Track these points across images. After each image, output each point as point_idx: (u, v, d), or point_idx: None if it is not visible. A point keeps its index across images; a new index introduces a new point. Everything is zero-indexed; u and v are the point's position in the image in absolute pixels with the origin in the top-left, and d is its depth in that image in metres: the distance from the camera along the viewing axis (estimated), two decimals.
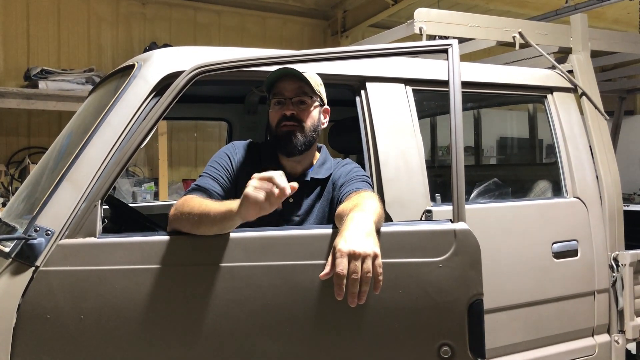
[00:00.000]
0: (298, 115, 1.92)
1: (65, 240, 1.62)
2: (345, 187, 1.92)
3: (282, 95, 1.93)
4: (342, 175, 2.00)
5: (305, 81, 1.92)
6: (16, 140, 5.44)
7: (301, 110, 1.93)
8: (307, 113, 1.94)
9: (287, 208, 1.95)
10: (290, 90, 1.92)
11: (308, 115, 1.94)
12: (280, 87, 1.93)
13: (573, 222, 2.52)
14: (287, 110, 1.91)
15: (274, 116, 1.95)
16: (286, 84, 1.92)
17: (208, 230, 1.62)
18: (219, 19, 6.42)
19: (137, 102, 1.81)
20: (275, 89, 1.94)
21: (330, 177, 2.03)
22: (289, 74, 1.90)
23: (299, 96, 1.93)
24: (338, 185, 1.98)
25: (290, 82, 1.92)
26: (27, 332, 1.55)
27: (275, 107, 1.95)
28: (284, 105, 1.93)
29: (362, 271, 1.41)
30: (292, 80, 1.92)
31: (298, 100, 1.93)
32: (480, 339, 1.65)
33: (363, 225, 1.50)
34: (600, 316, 2.56)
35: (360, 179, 1.95)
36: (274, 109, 1.95)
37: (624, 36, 3.17)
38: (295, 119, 1.92)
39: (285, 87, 1.92)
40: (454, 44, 1.74)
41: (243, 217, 1.52)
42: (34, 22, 5.50)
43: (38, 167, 2.21)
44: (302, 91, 1.93)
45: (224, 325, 1.62)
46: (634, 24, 5.58)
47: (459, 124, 1.69)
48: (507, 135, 7.63)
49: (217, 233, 1.63)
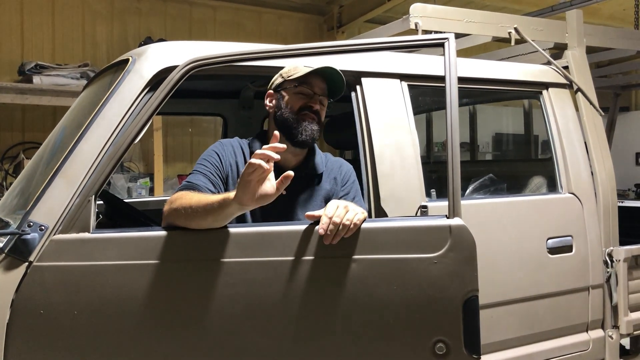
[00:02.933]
0: (319, 112, 1.99)
1: (59, 235, 1.61)
2: (347, 198, 1.99)
3: (312, 89, 1.97)
4: (346, 178, 2.07)
5: (329, 84, 1.98)
6: (10, 136, 5.41)
7: (322, 109, 2.00)
8: (323, 113, 2.01)
9: (280, 201, 1.95)
10: (321, 88, 1.98)
11: (323, 116, 2.02)
12: (313, 82, 1.97)
13: (568, 217, 2.52)
14: (315, 105, 1.97)
15: (296, 101, 1.97)
16: (319, 80, 1.97)
17: (203, 221, 1.61)
18: (214, 15, 6.39)
19: (132, 96, 1.80)
20: (304, 80, 1.97)
21: (328, 174, 2.04)
22: (332, 78, 1.96)
23: (324, 97, 1.99)
24: (339, 186, 2.04)
25: (320, 80, 1.97)
26: (20, 328, 1.55)
27: (299, 94, 1.97)
28: (312, 98, 1.97)
29: (345, 217, 1.61)
30: (322, 79, 1.97)
31: (322, 100, 1.99)
32: (475, 335, 1.65)
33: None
34: (594, 311, 2.57)
35: (359, 195, 2.06)
36: (298, 96, 1.97)
37: (619, 32, 3.17)
38: (318, 115, 1.98)
39: (318, 84, 1.97)
40: (450, 37, 1.74)
41: (240, 200, 1.51)
42: (28, 17, 5.46)
43: (32, 162, 2.20)
44: (325, 93, 1.99)
45: (218, 321, 1.62)
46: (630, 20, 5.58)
47: (455, 118, 1.69)
48: (503, 131, 7.64)
49: (212, 224, 1.62)
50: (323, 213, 1.63)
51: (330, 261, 1.65)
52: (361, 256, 1.64)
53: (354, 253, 1.64)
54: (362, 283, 1.64)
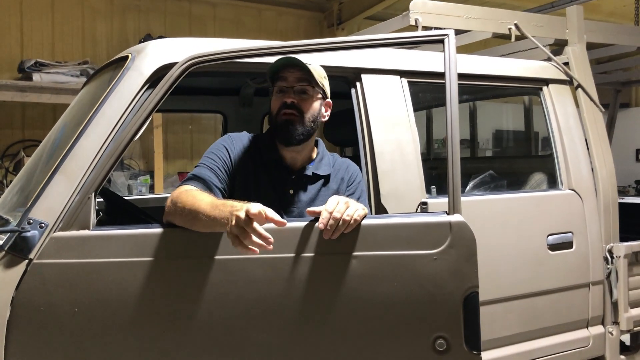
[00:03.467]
0: (298, 104, 1.91)
1: (59, 232, 1.61)
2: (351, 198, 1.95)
3: (285, 83, 1.91)
4: (352, 178, 2.05)
5: (307, 71, 1.90)
6: (10, 133, 5.40)
7: (302, 99, 1.92)
8: (307, 103, 1.92)
9: (287, 201, 1.95)
10: (292, 78, 1.91)
11: (308, 106, 1.93)
12: (283, 75, 1.92)
13: (568, 214, 2.52)
14: (288, 98, 1.90)
15: (275, 104, 1.94)
16: (289, 72, 1.91)
17: (203, 230, 1.61)
18: (214, 11, 6.38)
19: (131, 93, 1.80)
20: (278, 77, 1.93)
21: (335, 174, 2.04)
22: (292, 63, 1.89)
23: (301, 85, 1.91)
24: (346, 185, 2.03)
25: (294, 70, 1.91)
26: (21, 325, 1.55)
27: (277, 94, 1.94)
28: (286, 93, 1.92)
29: (345, 212, 1.61)
30: (296, 69, 1.90)
31: (300, 89, 1.91)
32: (475, 331, 1.65)
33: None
34: (594, 308, 2.57)
35: (364, 196, 2.05)
36: (276, 96, 1.94)
37: (619, 28, 3.17)
38: (296, 107, 1.90)
39: (288, 76, 1.91)
40: (450, 33, 1.73)
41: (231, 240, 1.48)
42: (27, 14, 5.45)
43: (32, 159, 2.20)
44: (304, 80, 1.92)
45: (217, 318, 1.62)
46: (630, 17, 5.57)
47: (455, 114, 1.69)
48: (503, 128, 7.63)
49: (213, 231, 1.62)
50: (324, 208, 1.63)
51: (331, 258, 1.65)
52: (361, 253, 1.64)
53: (354, 250, 1.64)
54: (362, 280, 1.64)
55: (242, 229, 1.43)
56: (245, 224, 1.42)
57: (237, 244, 1.44)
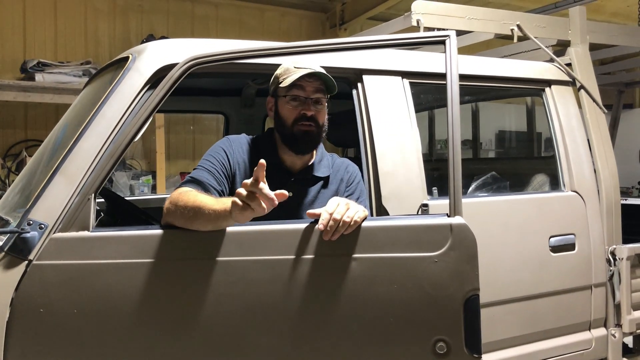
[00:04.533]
0: (315, 116, 1.91)
1: (59, 233, 1.61)
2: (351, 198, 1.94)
3: (303, 93, 1.89)
4: (352, 179, 2.04)
5: (323, 79, 1.90)
6: (13, 133, 5.42)
7: (318, 110, 1.92)
8: (322, 113, 1.94)
9: (287, 202, 1.94)
10: (311, 89, 1.90)
11: (322, 116, 1.94)
12: (302, 84, 1.88)
13: (570, 216, 2.51)
14: (309, 111, 1.89)
15: (290, 113, 1.91)
16: (308, 82, 1.89)
17: (202, 227, 1.61)
18: (216, 12, 6.39)
19: (132, 94, 1.80)
20: (294, 84, 1.88)
21: (334, 175, 2.03)
22: (314, 74, 1.87)
23: (318, 95, 1.91)
24: (345, 186, 2.02)
25: (313, 80, 1.89)
26: (20, 326, 1.54)
27: (292, 102, 1.90)
28: (304, 103, 1.89)
29: (346, 214, 1.61)
30: (313, 78, 1.89)
31: (316, 99, 1.91)
32: (476, 334, 1.64)
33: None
34: (597, 310, 2.55)
35: (363, 196, 2.03)
36: (291, 104, 1.90)
37: (623, 29, 3.16)
38: (314, 119, 1.90)
39: (306, 85, 1.89)
40: (451, 35, 1.73)
41: (235, 219, 1.52)
42: (30, 14, 5.47)
43: (33, 160, 2.20)
44: (320, 91, 1.91)
45: (217, 319, 1.61)
46: (634, 17, 5.56)
47: (456, 115, 1.68)
48: (505, 129, 7.62)
49: (213, 229, 1.62)
50: (324, 209, 1.63)
51: (331, 260, 1.64)
52: (362, 255, 1.64)
53: (354, 252, 1.64)
54: (362, 282, 1.63)
55: (248, 194, 1.45)
56: (250, 187, 1.45)
57: (247, 208, 1.46)
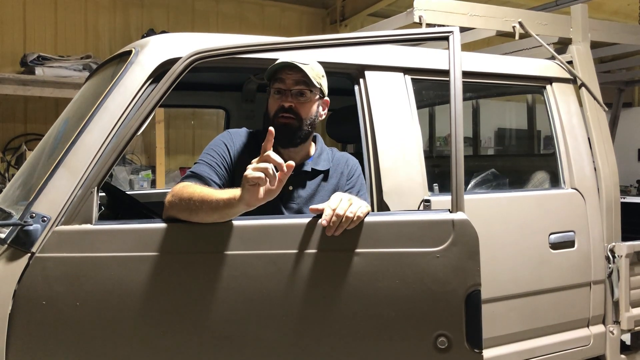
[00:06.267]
0: (296, 108, 1.90)
1: (61, 226, 1.61)
2: (351, 192, 1.95)
3: (283, 85, 1.90)
4: (352, 172, 2.04)
5: (305, 73, 1.88)
6: (13, 127, 5.41)
7: (300, 102, 1.91)
8: (305, 106, 1.92)
9: (287, 197, 1.94)
10: (291, 81, 1.89)
11: (307, 110, 1.92)
12: (281, 77, 1.90)
13: (570, 213, 2.52)
14: (286, 102, 1.89)
15: (272, 105, 1.93)
16: (287, 74, 1.89)
17: (207, 217, 1.61)
18: (217, 7, 6.37)
19: (134, 88, 1.80)
20: (276, 78, 1.92)
21: (334, 169, 2.03)
22: (291, 66, 1.87)
23: (299, 87, 1.90)
24: (345, 179, 2.02)
25: (292, 72, 1.89)
26: (22, 319, 1.55)
27: (274, 96, 1.92)
28: (284, 95, 1.90)
29: (349, 209, 1.62)
30: (294, 70, 1.88)
31: (298, 92, 1.90)
32: (477, 329, 1.65)
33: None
34: (595, 307, 2.56)
35: (364, 190, 2.03)
36: (274, 97, 1.93)
37: (623, 27, 3.16)
38: (293, 111, 1.90)
39: (286, 78, 1.90)
40: (455, 31, 1.72)
41: (246, 202, 1.52)
42: (30, 8, 5.45)
43: (34, 153, 2.20)
44: (302, 83, 1.90)
45: (220, 313, 1.62)
46: (634, 16, 5.57)
47: (459, 112, 1.68)
48: (506, 126, 7.62)
49: (217, 221, 1.62)
50: (327, 205, 1.63)
51: (333, 255, 1.65)
52: (364, 250, 1.64)
53: (356, 247, 1.64)
54: (364, 277, 1.64)
55: (258, 169, 1.49)
56: (259, 160, 1.51)
57: (260, 180, 1.48)
